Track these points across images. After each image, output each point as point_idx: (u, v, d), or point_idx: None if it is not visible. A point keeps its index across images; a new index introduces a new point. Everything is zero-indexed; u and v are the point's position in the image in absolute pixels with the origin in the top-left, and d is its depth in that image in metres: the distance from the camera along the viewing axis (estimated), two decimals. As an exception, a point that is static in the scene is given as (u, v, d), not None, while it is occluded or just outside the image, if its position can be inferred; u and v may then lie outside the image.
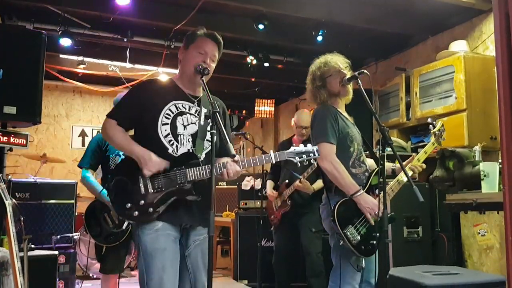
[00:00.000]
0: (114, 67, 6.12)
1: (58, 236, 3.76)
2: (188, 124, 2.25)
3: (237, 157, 2.20)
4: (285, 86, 7.25)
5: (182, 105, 2.28)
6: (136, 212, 2.13)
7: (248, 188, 5.38)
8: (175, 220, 2.20)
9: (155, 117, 2.21)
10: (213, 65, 2.33)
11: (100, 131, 2.41)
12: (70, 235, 4.00)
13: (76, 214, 4.37)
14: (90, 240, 3.57)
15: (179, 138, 2.22)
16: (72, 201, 4.20)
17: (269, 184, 4.65)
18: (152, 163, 2.13)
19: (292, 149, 2.25)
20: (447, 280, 2.26)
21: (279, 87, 7.34)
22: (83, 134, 7.84)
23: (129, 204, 2.14)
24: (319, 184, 4.07)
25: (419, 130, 4.86)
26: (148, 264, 2.12)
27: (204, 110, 2.28)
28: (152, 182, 2.15)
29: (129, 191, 2.15)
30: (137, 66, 6.04)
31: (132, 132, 2.34)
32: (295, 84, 6.82)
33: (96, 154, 3.44)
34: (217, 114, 2.01)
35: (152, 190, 2.14)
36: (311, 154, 2.25)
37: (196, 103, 2.32)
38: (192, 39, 2.33)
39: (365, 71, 2.67)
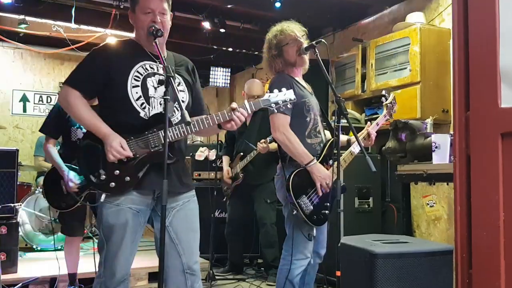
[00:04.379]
0: (58, 27, 5.82)
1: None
2: (159, 86, 2.18)
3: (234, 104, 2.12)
4: (241, 54, 7.18)
5: (149, 66, 2.20)
6: (113, 183, 2.08)
7: (202, 158, 5.36)
8: (148, 187, 2.14)
9: (124, 80, 2.12)
10: (166, 18, 2.22)
11: (58, 100, 2.29)
12: (12, 205, 3.87)
13: (18, 183, 4.22)
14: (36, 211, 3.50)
15: (150, 101, 2.16)
16: (13, 170, 4.03)
17: (225, 160, 4.66)
18: (115, 150, 2.05)
19: (267, 95, 2.21)
20: (397, 248, 2.36)
21: (235, 55, 7.26)
22: (24, 99, 7.50)
23: (103, 176, 2.08)
24: (274, 145, 4.08)
25: (373, 103, 4.97)
26: (108, 237, 2.11)
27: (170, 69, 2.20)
28: None
29: (101, 161, 2.08)
30: (83, 27, 5.78)
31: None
32: (252, 52, 6.77)
33: (59, 123, 3.38)
34: (171, 79, 1.97)
35: (126, 159, 2.09)
36: (287, 97, 2.22)
37: (160, 62, 2.21)
38: (135, 0, 2.22)
39: (322, 40, 2.69)
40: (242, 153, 4.45)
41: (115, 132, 2.10)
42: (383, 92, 3.19)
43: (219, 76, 7.57)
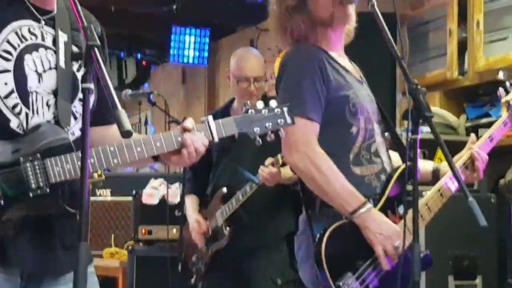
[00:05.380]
0: None
1: None
2: (46, 71, 2.20)
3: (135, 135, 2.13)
4: (229, 4, 7.26)
5: (29, 30, 2.21)
6: None
7: (156, 201, 5.37)
8: (16, 263, 2.13)
9: None
10: None
11: None
12: None
13: None
14: None
15: (30, 99, 2.16)
16: None
17: (190, 201, 4.65)
18: None
19: (247, 112, 2.22)
20: None
21: (218, 6, 7.34)
22: None
23: None
24: (287, 171, 4.01)
25: (481, 95, 4.98)
26: None
27: (63, 37, 2.24)
28: None
29: None
30: None
31: None
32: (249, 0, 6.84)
33: None
34: (96, 49, 1.96)
35: None
36: (280, 120, 2.23)
37: (47, 23, 2.24)
38: None
39: (383, -20, 2.72)
40: (226, 188, 4.42)
41: None
42: (500, 76, 3.19)
43: (188, 45, 7.63)
